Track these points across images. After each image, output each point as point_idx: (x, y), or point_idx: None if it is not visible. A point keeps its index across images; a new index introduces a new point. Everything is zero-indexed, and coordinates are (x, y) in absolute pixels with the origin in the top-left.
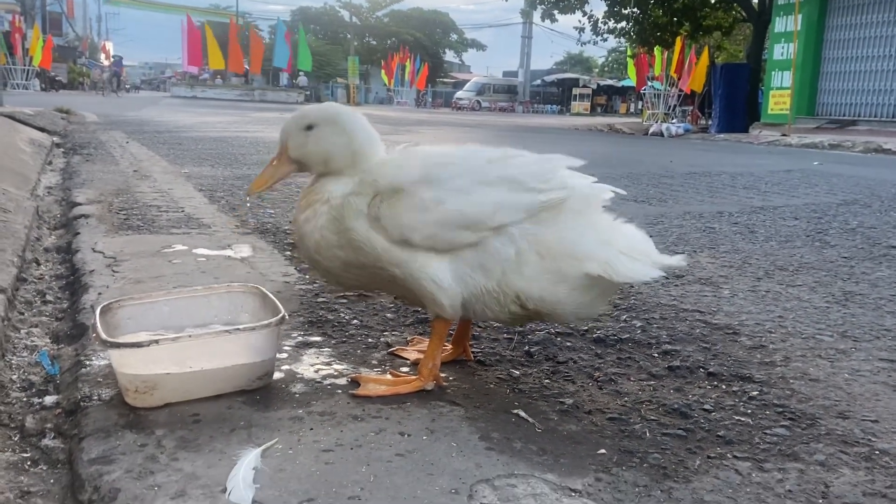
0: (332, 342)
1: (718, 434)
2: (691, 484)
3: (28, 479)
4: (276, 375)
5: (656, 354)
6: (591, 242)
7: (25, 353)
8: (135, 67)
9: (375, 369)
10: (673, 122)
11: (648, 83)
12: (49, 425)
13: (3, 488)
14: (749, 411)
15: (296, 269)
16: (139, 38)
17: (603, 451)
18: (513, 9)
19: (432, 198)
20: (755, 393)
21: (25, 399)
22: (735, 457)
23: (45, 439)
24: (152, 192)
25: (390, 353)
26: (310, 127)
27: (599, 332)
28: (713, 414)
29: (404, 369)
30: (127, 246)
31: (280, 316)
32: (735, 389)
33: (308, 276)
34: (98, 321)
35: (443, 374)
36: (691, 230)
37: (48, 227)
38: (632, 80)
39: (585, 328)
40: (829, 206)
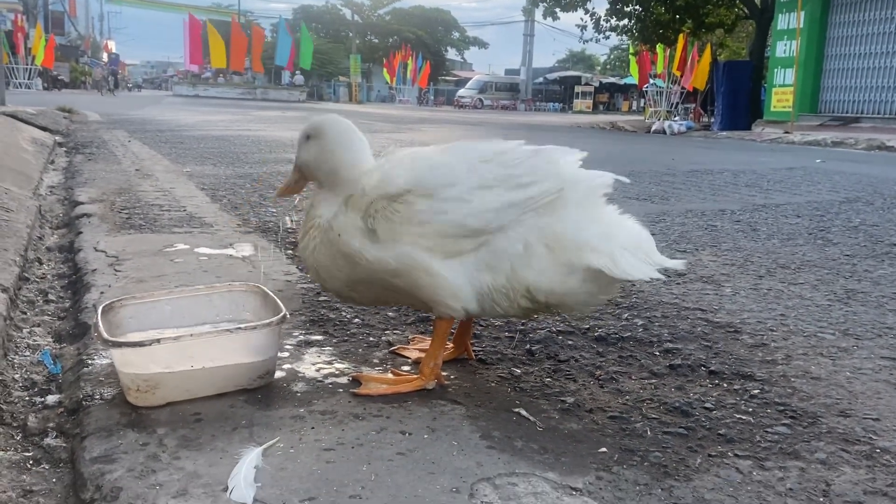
0: (334, 341)
1: (719, 432)
2: (692, 482)
3: (30, 478)
4: (278, 374)
5: (658, 353)
6: (594, 235)
7: (28, 352)
8: (137, 66)
9: (377, 368)
10: (675, 119)
11: (651, 81)
12: (51, 424)
13: (5, 487)
14: (750, 409)
15: (297, 268)
16: (141, 36)
17: (604, 449)
18: (515, 6)
19: (431, 208)
20: (756, 391)
21: (28, 398)
22: (736, 455)
23: (48, 438)
24: (154, 191)
25: (392, 352)
26: (308, 137)
27: (601, 330)
28: (714, 412)
29: (406, 368)
30: (129, 245)
31: (281, 315)
32: (736, 388)
33: (309, 275)
34: (100, 320)
35: (444, 373)
36: (693, 228)
37: (50, 226)
38: (634, 77)
39: (587, 326)
40: (832, 204)
